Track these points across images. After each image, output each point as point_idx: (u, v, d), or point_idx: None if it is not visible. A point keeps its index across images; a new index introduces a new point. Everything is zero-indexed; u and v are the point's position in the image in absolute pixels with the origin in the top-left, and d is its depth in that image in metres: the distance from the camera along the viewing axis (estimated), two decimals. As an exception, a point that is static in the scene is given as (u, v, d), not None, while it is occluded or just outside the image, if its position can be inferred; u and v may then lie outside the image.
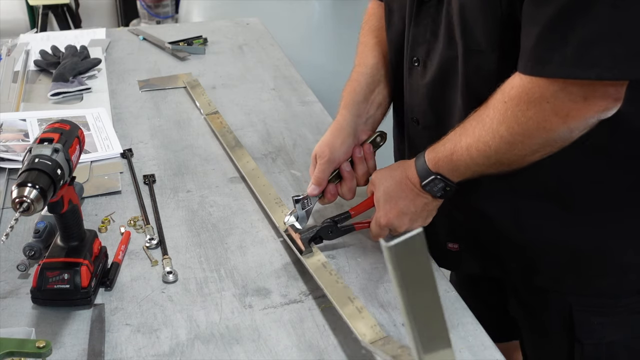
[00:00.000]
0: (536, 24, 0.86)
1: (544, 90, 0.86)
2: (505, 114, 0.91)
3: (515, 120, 0.90)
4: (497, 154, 0.94)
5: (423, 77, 1.08)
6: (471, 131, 0.96)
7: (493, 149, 0.93)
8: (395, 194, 1.05)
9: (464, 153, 0.97)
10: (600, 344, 1.10)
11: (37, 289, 0.99)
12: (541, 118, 0.88)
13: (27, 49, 1.93)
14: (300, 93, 1.72)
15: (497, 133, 0.92)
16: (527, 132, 0.90)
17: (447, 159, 0.99)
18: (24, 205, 0.87)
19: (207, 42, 2.01)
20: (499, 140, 0.92)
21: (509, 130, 0.91)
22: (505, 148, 0.93)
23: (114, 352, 0.93)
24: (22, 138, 1.46)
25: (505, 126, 0.91)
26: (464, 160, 0.97)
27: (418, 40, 1.06)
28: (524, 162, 0.94)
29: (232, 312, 1.00)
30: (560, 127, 0.88)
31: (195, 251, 1.13)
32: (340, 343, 0.95)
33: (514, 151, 0.93)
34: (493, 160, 0.95)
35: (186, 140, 1.48)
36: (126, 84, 1.77)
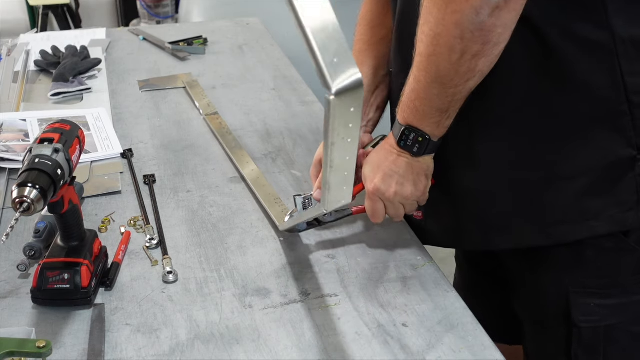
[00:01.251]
0: None
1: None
2: (423, 15, 0.91)
3: (428, 13, 0.89)
4: (433, 65, 0.92)
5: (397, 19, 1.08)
6: (414, 57, 0.94)
7: (425, 58, 0.92)
8: (378, 160, 1.04)
9: (412, 82, 0.95)
10: (598, 327, 1.08)
11: (38, 288, 0.99)
12: (446, 1, 0.87)
13: (27, 49, 1.93)
14: (300, 93, 1.72)
15: (424, 37, 0.91)
16: (440, 23, 0.88)
17: (408, 102, 0.98)
18: (24, 206, 0.87)
19: (207, 42, 2.01)
20: (427, 44, 0.91)
21: (428, 26, 0.90)
22: (432, 51, 0.91)
23: (114, 352, 0.93)
24: (22, 138, 1.46)
25: (426, 25, 0.90)
26: (416, 92, 0.96)
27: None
28: (462, 69, 0.91)
29: (232, 312, 1.00)
30: (465, 7, 0.86)
31: (195, 251, 1.13)
32: (340, 343, 0.95)
33: (442, 49, 0.90)
34: (433, 71, 0.92)
35: (186, 140, 1.48)
36: (126, 84, 1.77)
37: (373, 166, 1.05)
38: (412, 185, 1.04)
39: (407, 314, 0.99)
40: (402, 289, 1.04)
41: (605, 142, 0.99)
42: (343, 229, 1.18)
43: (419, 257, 1.12)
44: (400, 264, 1.10)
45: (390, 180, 1.03)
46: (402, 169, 1.02)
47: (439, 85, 0.94)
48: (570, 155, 1.00)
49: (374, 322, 0.98)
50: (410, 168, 1.02)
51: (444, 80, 0.93)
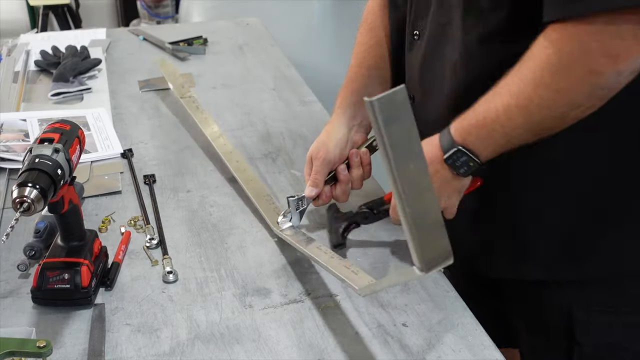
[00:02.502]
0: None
1: (587, 29, 0.79)
2: (548, 60, 0.84)
3: (560, 64, 0.83)
4: (540, 109, 0.86)
5: (419, 51, 1.05)
6: (507, 89, 0.88)
7: (536, 103, 0.86)
8: None
9: (501, 115, 0.89)
10: (600, 345, 1.07)
11: (38, 288, 0.99)
12: (589, 60, 0.81)
13: (27, 49, 1.93)
14: (300, 93, 1.72)
15: (540, 83, 0.85)
16: (573, 76, 0.82)
17: (477, 125, 0.91)
18: (25, 205, 0.87)
19: (207, 42, 2.01)
20: (542, 91, 0.85)
21: (553, 77, 0.84)
22: (549, 99, 0.85)
23: (114, 352, 0.93)
24: (22, 138, 1.46)
25: (549, 72, 0.84)
26: (500, 123, 0.89)
27: (420, 13, 1.04)
28: (565, 121, 0.87)
29: (232, 312, 1.00)
30: (609, 70, 0.81)
31: (195, 251, 1.13)
32: (340, 343, 0.95)
33: (558, 103, 0.85)
34: (535, 118, 0.87)
35: (186, 140, 1.48)
36: (126, 84, 1.77)
37: None
38: (444, 200, 0.99)
39: (407, 314, 0.99)
40: (402, 289, 1.04)
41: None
42: (343, 229, 1.18)
43: (419, 257, 1.12)
44: (400, 264, 1.10)
45: None
46: (438, 183, 0.96)
47: (533, 127, 0.89)
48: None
49: (374, 322, 0.98)
50: (447, 185, 0.98)
51: (543, 127, 0.89)
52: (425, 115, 0.99)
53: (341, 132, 1.15)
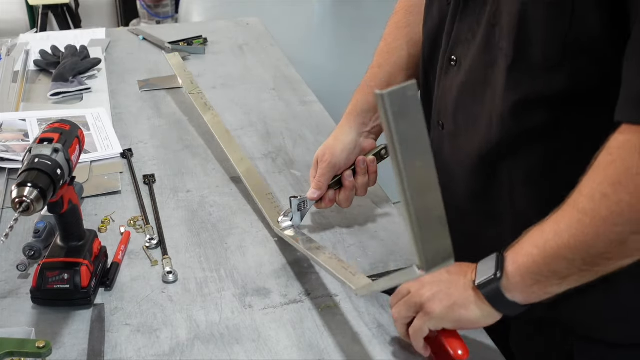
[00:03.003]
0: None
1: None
2: (610, 166, 0.73)
3: (624, 172, 0.72)
4: (595, 225, 0.74)
5: (456, 79, 0.96)
6: (564, 205, 0.78)
7: (589, 218, 0.74)
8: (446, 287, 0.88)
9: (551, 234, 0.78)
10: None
11: (37, 288, 0.99)
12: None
13: (27, 49, 1.93)
14: (300, 93, 1.72)
15: (598, 192, 0.74)
16: (637, 187, 0.71)
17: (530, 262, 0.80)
18: (24, 205, 0.87)
19: (207, 42, 2.01)
20: (599, 201, 0.73)
21: (613, 187, 0.72)
22: (605, 212, 0.73)
23: (114, 352, 0.92)
24: (22, 138, 1.46)
25: (609, 182, 0.73)
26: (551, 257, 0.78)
27: (461, 38, 0.94)
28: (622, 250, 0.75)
29: (232, 312, 1.00)
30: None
31: (195, 251, 1.13)
32: (340, 343, 0.94)
33: (615, 219, 0.73)
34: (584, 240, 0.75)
35: (186, 140, 1.48)
36: (126, 84, 1.77)
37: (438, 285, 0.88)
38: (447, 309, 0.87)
39: (407, 314, 0.99)
40: (402, 289, 1.04)
41: None
42: (343, 229, 1.18)
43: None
44: (401, 264, 1.10)
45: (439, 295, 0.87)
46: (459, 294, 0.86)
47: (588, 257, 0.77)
48: None
49: (374, 322, 0.98)
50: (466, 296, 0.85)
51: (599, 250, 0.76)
52: (455, 147, 0.96)
53: (350, 137, 1.15)
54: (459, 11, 0.94)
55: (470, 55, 0.92)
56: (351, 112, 1.17)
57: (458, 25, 0.94)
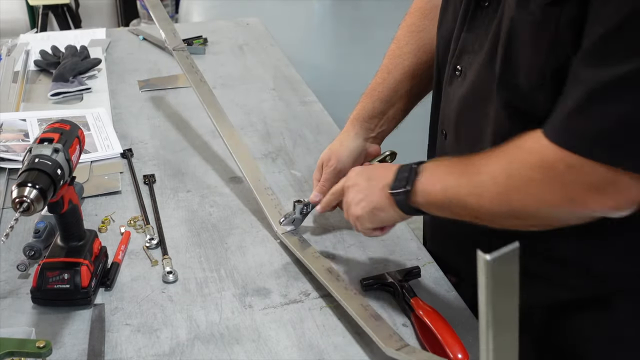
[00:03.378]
0: (583, 84, 0.74)
1: (561, 160, 0.76)
2: (512, 163, 0.81)
3: (517, 174, 0.81)
4: (482, 200, 0.84)
5: (459, 90, 0.97)
6: (473, 164, 0.87)
7: (478, 193, 0.84)
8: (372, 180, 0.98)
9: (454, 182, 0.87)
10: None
11: (37, 288, 0.99)
12: (546, 189, 0.79)
13: (27, 49, 1.93)
14: (300, 93, 1.72)
15: (494, 178, 0.83)
16: (524, 193, 0.80)
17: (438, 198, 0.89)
18: (24, 205, 0.87)
19: (207, 42, 2.01)
20: (490, 186, 0.83)
21: (507, 181, 0.82)
22: (493, 197, 0.83)
23: (114, 352, 0.93)
24: (22, 138, 1.46)
25: (506, 175, 0.82)
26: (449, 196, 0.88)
27: (467, 48, 0.94)
28: (498, 224, 0.85)
29: (232, 312, 1.00)
30: (562, 207, 0.79)
31: (195, 251, 1.13)
32: (340, 343, 0.95)
33: (500, 205, 0.83)
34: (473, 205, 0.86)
35: (186, 140, 1.48)
36: (126, 84, 1.77)
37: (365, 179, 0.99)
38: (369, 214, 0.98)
39: (407, 314, 0.99)
40: (402, 289, 1.04)
41: None
42: (343, 229, 1.18)
43: (419, 257, 1.12)
44: (401, 264, 1.10)
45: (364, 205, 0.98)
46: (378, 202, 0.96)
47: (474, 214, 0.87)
48: None
49: (374, 322, 0.98)
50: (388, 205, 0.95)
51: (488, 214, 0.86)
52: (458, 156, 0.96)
53: (356, 143, 1.15)
54: (467, 21, 0.93)
55: (475, 67, 0.92)
56: (357, 117, 1.16)
57: (465, 35, 0.94)
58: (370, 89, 1.17)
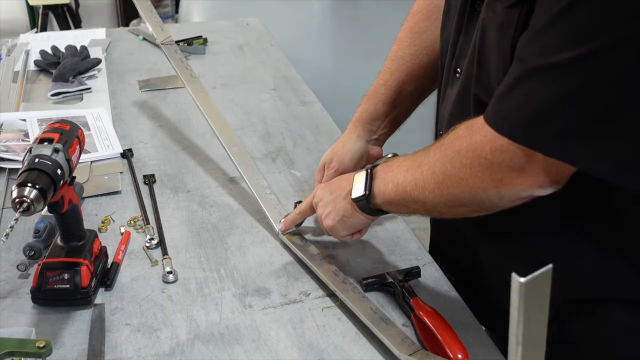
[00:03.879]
0: (516, 68, 0.77)
1: (488, 142, 0.79)
2: (446, 150, 0.85)
3: (450, 161, 0.84)
4: (425, 191, 0.88)
5: (454, 91, 0.98)
6: (422, 155, 0.91)
7: (422, 184, 0.88)
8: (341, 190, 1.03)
9: (405, 177, 0.92)
10: None
11: (37, 288, 0.99)
12: (475, 172, 0.82)
13: (27, 49, 1.93)
14: (300, 93, 1.72)
15: (436, 167, 0.87)
16: (457, 178, 0.84)
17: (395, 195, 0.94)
18: (24, 205, 0.87)
19: (207, 42, 2.01)
20: (429, 176, 0.87)
21: (442, 169, 0.85)
22: (433, 186, 0.87)
23: (114, 352, 0.93)
24: (22, 138, 1.46)
25: (440, 163, 0.86)
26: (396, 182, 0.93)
27: (464, 51, 0.95)
28: (447, 213, 0.90)
29: (232, 312, 1.00)
30: (491, 189, 0.81)
31: (195, 251, 1.13)
32: (340, 343, 0.95)
33: (441, 194, 0.86)
34: (419, 198, 0.90)
35: (186, 140, 1.48)
36: (126, 84, 1.77)
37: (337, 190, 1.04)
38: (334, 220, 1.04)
39: (407, 314, 0.99)
40: (402, 289, 1.04)
41: None
42: (343, 229, 1.18)
43: (419, 257, 1.12)
44: (401, 264, 1.10)
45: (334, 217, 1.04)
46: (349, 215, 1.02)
47: (414, 201, 0.91)
48: None
49: (374, 322, 0.98)
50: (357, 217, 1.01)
51: (424, 203, 0.90)
52: None
53: (358, 145, 1.15)
54: (464, 24, 0.94)
55: (465, 69, 0.94)
56: (359, 119, 1.16)
57: (462, 39, 0.95)
58: (372, 91, 1.17)
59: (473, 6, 0.92)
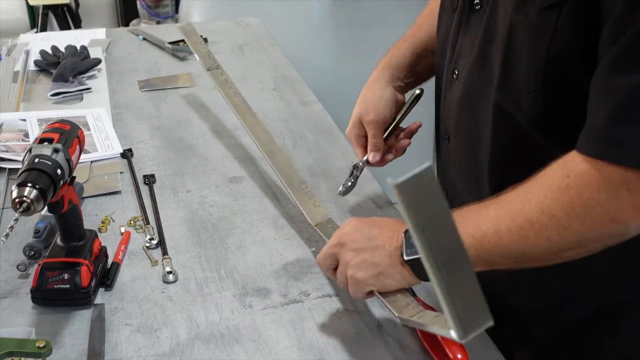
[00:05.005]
0: (610, 95, 0.72)
1: (621, 176, 0.71)
2: (564, 191, 0.75)
3: (578, 202, 0.74)
4: (537, 239, 0.77)
5: (456, 93, 0.96)
6: (508, 202, 0.80)
7: (534, 231, 0.77)
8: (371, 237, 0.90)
9: (490, 231, 0.80)
10: None
11: (37, 288, 0.99)
12: (615, 207, 0.73)
13: (27, 49, 1.93)
14: (300, 93, 1.72)
15: (548, 211, 0.76)
16: (589, 218, 0.74)
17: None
18: (24, 205, 0.87)
19: (207, 42, 2.01)
20: (547, 221, 0.76)
21: (565, 211, 0.75)
22: (550, 232, 0.76)
23: (114, 352, 0.93)
24: (22, 138, 1.46)
25: (561, 206, 0.75)
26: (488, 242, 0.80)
27: (463, 51, 0.94)
28: (555, 259, 0.79)
29: (232, 312, 1.00)
30: (632, 221, 0.74)
31: (195, 251, 1.13)
32: (340, 343, 0.95)
33: (558, 239, 0.77)
34: (523, 247, 0.79)
35: (186, 140, 1.48)
36: (126, 84, 1.77)
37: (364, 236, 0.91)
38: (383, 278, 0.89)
39: (407, 314, 0.99)
40: (402, 289, 1.04)
41: None
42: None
43: (419, 257, 1.12)
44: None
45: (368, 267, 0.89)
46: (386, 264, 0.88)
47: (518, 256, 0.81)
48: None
49: (374, 322, 0.98)
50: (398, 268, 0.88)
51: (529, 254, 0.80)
52: (460, 160, 0.97)
53: (388, 91, 1.13)
54: (463, 24, 0.94)
55: (468, 70, 0.93)
56: (387, 65, 1.15)
57: (462, 39, 0.94)
58: (401, 40, 1.17)
59: (472, 5, 0.91)
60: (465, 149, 0.98)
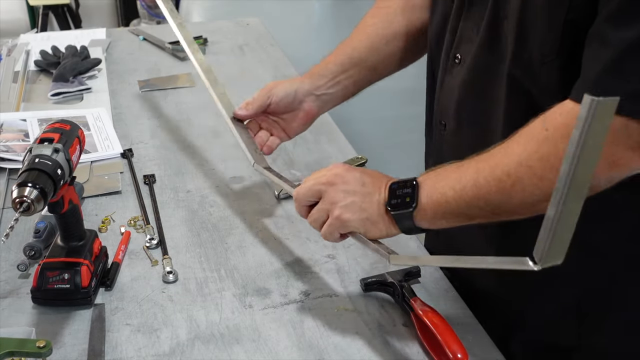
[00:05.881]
0: (608, 47, 0.73)
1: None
2: (542, 143, 0.78)
3: (554, 153, 0.76)
4: (512, 190, 0.80)
5: (459, 77, 0.96)
6: (488, 156, 0.83)
7: (510, 182, 0.79)
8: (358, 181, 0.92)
9: (470, 183, 0.83)
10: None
11: (38, 288, 0.99)
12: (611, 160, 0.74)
13: (27, 49, 1.93)
14: (300, 93, 1.71)
15: (525, 162, 0.79)
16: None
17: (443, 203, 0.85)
18: (24, 205, 0.87)
19: (207, 42, 2.01)
20: (524, 172, 0.78)
21: (541, 162, 0.77)
22: (526, 183, 0.79)
23: (114, 352, 0.93)
24: (22, 138, 1.46)
25: (538, 156, 0.78)
26: (461, 189, 0.83)
27: (466, 36, 0.94)
28: (531, 211, 0.80)
29: (232, 312, 1.00)
30: (603, 174, 0.76)
31: (195, 251, 1.13)
32: (340, 343, 0.95)
33: (534, 190, 0.79)
34: (499, 198, 0.81)
35: (186, 140, 1.48)
36: (126, 84, 1.77)
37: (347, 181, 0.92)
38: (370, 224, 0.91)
39: (407, 314, 0.99)
40: (402, 289, 1.04)
41: None
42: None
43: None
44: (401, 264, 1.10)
45: (352, 206, 0.91)
46: (375, 212, 0.90)
47: (492, 207, 0.83)
48: None
49: (374, 322, 0.98)
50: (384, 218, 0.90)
51: (503, 206, 0.82)
52: (457, 146, 0.96)
53: (294, 87, 1.15)
54: (464, 10, 0.94)
55: (474, 52, 0.93)
56: (308, 72, 1.17)
57: (463, 24, 0.95)
58: (340, 47, 1.18)
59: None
60: (466, 133, 0.98)
